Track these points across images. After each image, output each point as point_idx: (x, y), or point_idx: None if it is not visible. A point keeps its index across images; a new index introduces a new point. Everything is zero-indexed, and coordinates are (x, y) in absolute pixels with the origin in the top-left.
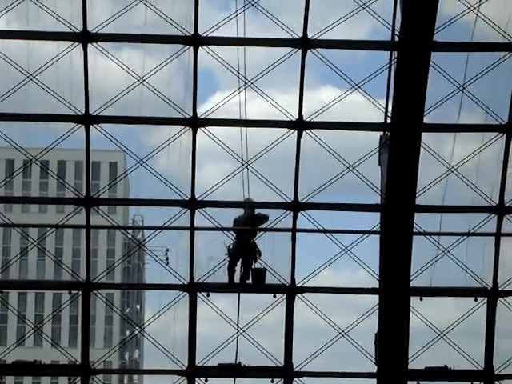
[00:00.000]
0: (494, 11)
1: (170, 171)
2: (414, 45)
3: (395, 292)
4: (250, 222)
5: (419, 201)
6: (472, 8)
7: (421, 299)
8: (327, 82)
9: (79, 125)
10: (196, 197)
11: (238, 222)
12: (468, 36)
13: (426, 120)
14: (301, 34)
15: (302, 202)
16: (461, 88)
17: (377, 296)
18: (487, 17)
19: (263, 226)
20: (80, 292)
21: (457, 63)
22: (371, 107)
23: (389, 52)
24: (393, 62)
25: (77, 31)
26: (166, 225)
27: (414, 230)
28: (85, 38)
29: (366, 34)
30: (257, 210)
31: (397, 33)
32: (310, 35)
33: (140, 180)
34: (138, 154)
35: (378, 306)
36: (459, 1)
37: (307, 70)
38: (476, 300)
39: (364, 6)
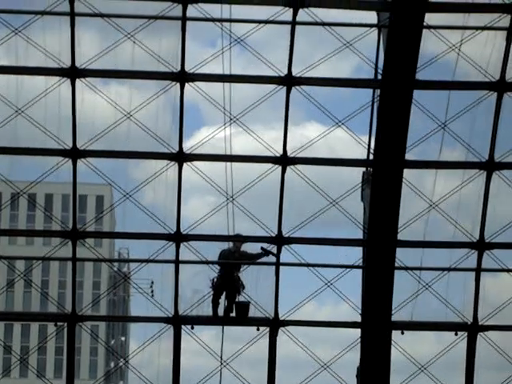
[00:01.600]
0: (475, 50)
1: (156, 204)
2: (396, 83)
3: (377, 326)
4: (235, 257)
5: (401, 235)
6: (453, 47)
7: (402, 333)
8: (312, 118)
9: (66, 159)
10: (181, 230)
11: (223, 255)
12: (450, 73)
13: (408, 156)
14: (286, 71)
15: (286, 236)
16: (442, 126)
17: (359, 329)
18: (469, 55)
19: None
20: (66, 324)
21: (439, 100)
22: (355, 143)
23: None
24: (375, 100)
25: (65, 67)
26: (151, 258)
27: (396, 265)
28: (73, 73)
29: (351, 70)
30: (244, 246)
31: (380, 71)
32: (295, 72)
33: (126, 213)
34: (124, 187)
35: (359, 340)
36: (441, 40)
37: (292, 105)
38: (456, 334)
39: (348, 45)
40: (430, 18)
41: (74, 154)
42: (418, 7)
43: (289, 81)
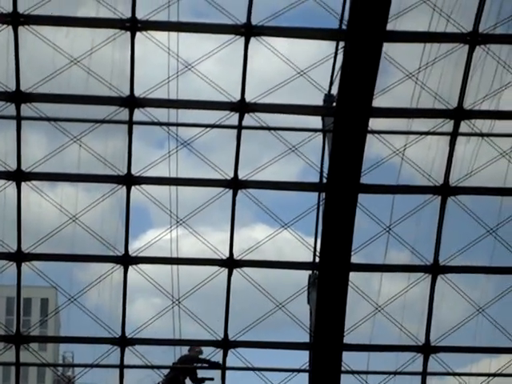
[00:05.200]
0: (419, 153)
1: (101, 307)
2: (341, 187)
3: None
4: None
5: (348, 338)
6: (397, 152)
7: None
8: (259, 220)
9: (11, 262)
10: (126, 334)
11: (181, 360)
12: (396, 175)
13: (355, 257)
14: (232, 174)
15: (232, 339)
16: (387, 230)
17: None
18: (413, 159)
19: None
20: None
21: (384, 202)
22: (302, 245)
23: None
24: (321, 203)
25: (11, 170)
26: (95, 362)
27: (342, 369)
28: (18, 176)
29: (299, 171)
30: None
31: (326, 174)
32: (243, 173)
33: (71, 316)
34: (69, 290)
35: None
36: (385, 145)
37: (240, 206)
38: None
39: (293, 149)
40: (374, 123)
41: (19, 257)
42: (361, 112)
43: (235, 184)
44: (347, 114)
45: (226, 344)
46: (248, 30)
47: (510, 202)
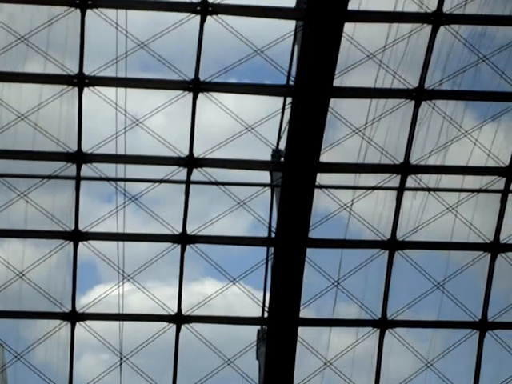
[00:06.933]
0: (367, 208)
1: (49, 364)
2: (289, 242)
3: None
4: None
5: None
6: (345, 206)
7: None
8: (208, 275)
9: None
10: None
11: None
12: (344, 229)
13: (305, 311)
14: (181, 228)
15: None
16: (335, 284)
17: None
18: (361, 212)
19: None
20: None
21: (333, 256)
22: (251, 300)
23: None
24: (270, 257)
25: None
26: None
27: None
28: None
29: (249, 225)
30: None
31: (274, 229)
32: (192, 228)
33: (18, 373)
34: (16, 347)
35: None
36: (332, 199)
37: (189, 261)
38: None
39: (242, 204)
40: (322, 177)
41: None
42: (309, 167)
43: (183, 239)
44: (295, 169)
45: None
46: (196, 86)
47: (457, 256)
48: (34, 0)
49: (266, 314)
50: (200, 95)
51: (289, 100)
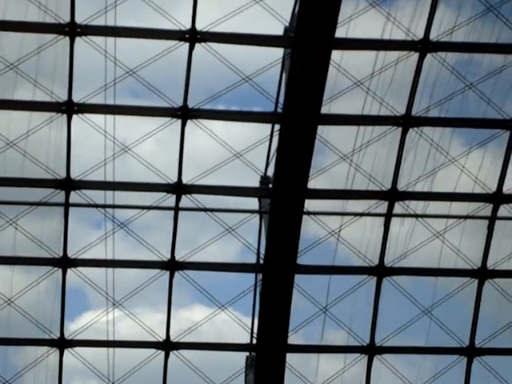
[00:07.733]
0: (355, 233)
1: None
2: (277, 267)
3: None
4: None
5: None
6: (333, 233)
7: None
8: (197, 301)
9: None
10: None
11: None
12: (332, 255)
13: (293, 337)
14: (170, 255)
15: None
16: (323, 310)
17: None
18: (349, 239)
19: None
20: None
21: (321, 282)
22: (240, 326)
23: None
24: (258, 284)
25: None
26: None
27: None
28: None
29: (238, 251)
30: None
31: (263, 255)
32: (181, 254)
33: None
34: (4, 374)
35: None
36: (321, 226)
37: (178, 287)
38: None
39: (230, 230)
40: (310, 204)
41: None
42: (297, 194)
43: (172, 266)
44: (283, 196)
45: None
46: (184, 113)
47: (445, 282)
48: (23, 28)
49: (254, 341)
50: (189, 122)
51: (277, 127)
